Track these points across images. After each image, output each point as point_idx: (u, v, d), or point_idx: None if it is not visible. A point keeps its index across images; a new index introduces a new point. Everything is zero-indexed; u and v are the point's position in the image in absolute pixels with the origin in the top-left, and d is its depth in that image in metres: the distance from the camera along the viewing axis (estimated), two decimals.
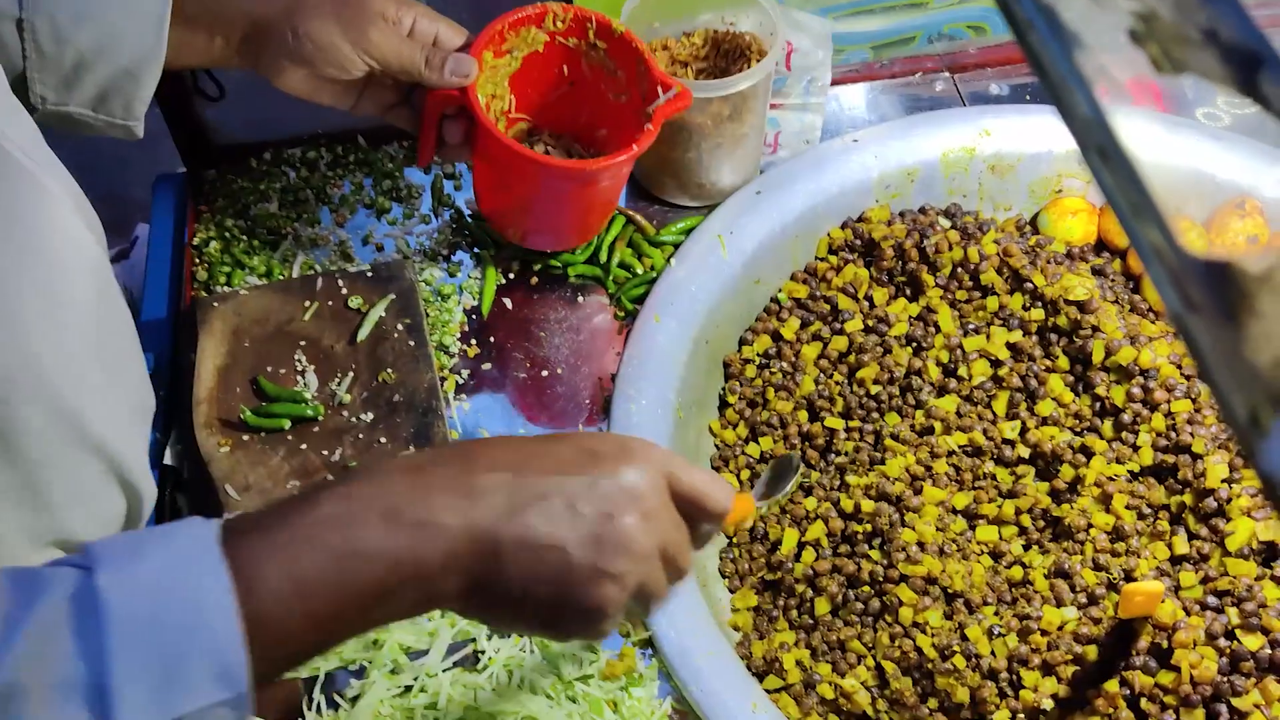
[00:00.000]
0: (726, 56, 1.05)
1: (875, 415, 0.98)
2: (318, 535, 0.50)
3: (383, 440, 0.87)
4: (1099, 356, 0.94)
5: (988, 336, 0.98)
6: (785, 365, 1.02)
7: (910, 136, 1.10)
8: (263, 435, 0.88)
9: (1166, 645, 0.82)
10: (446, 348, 0.98)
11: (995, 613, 0.87)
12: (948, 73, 1.19)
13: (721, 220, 1.05)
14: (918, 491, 0.92)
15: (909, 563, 0.88)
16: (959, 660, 0.84)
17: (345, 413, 0.89)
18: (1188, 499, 0.89)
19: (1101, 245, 1.08)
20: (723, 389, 1.03)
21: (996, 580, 0.88)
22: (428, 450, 0.84)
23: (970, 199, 1.10)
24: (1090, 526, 0.89)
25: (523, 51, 0.96)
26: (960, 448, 0.95)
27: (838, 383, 1.00)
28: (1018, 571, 0.89)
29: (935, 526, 0.90)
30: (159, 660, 0.46)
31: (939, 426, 0.96)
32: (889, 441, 0.95)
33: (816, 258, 1.07)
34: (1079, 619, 0.85)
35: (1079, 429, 0.94)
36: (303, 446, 0.87)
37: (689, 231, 1.06)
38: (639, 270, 1.04)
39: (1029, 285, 0.99)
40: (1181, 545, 0.87)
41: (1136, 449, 0.92)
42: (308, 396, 0.89)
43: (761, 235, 1.05)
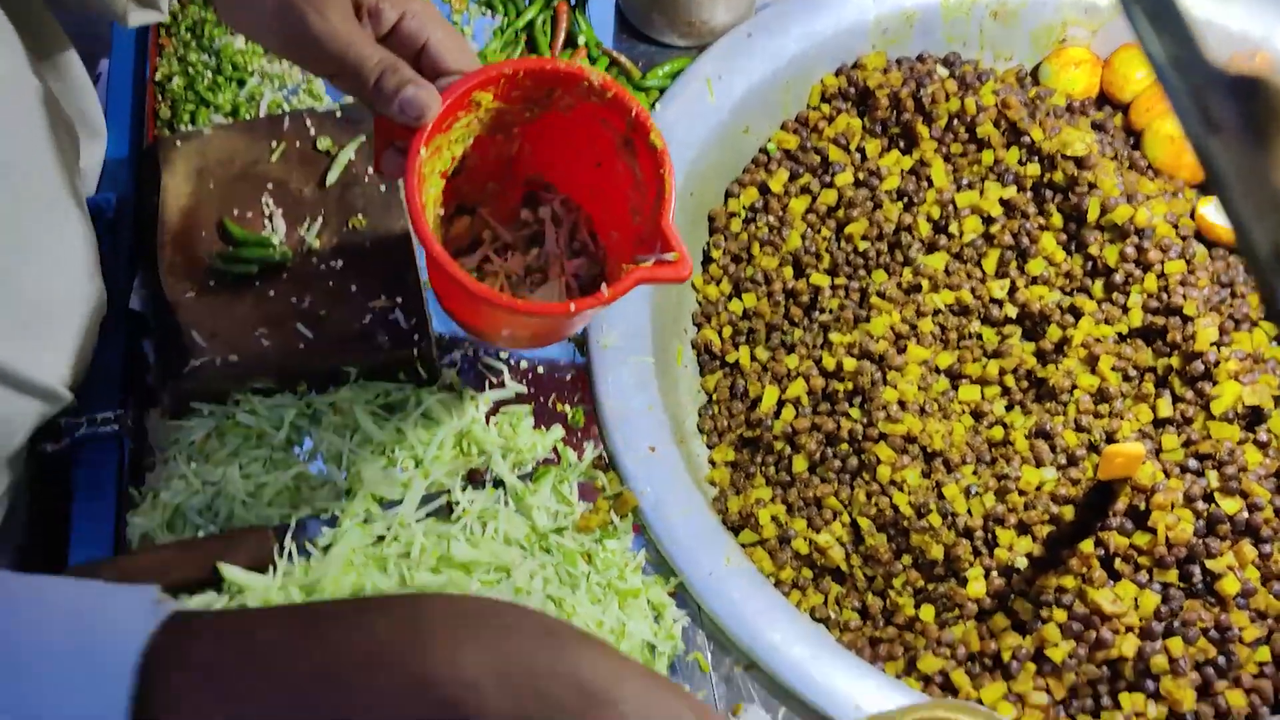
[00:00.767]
0: None
1: (862, 272, 0.95)
2: None
3: (354, 289, 0.85)
4: (1094, 214, 0.91)
5: (981, 192, 0.95)
6: (772, 219, 0.99)
7: None
8: (230, 281, 0.85)
9: (1144, 507, 0.81)
10: None
11: (974, 472, 0.86)
12: None
13: (710, 63, 1.01)
14: (901, 350, 0.91)
15: (889, 421, 0.86)
16: (935, 518, 0.84)
17: (315, 259, 0.86)
18: (1175, 362, 0.87)
19: (1104, 99, 1.04)
20: (707, 243, 1.00)
21: (976, 440, 0.87)
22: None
23: (970, 47, 1.05)
24: (1074, 388, 0.88)
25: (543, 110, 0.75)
26: (947, 306, 0.93)
27: (825, 238, 0.97)
28: (998, 432, 0.88)
29: (917, 386, 0.88)
30: None
31: (926, 284, 0.93)
32: (875, 299, 0.93)
33: (809, 106, 1.03)
34: (1058, 480, 0.84)
35: (1069, 289, 0.92)
36: (271, 294, 0.84)
37: (676, 76, 1.01)
38: None
39: (1026, 139, 0.95)
40: (1165, 408, 0.86)
41: (1126, 310, 0.90)
42: (275, 241, 0.86)
43: (752, 80, 1.00)
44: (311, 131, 0.91)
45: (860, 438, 0.87)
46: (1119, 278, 0.90)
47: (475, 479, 0.81)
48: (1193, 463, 0.83)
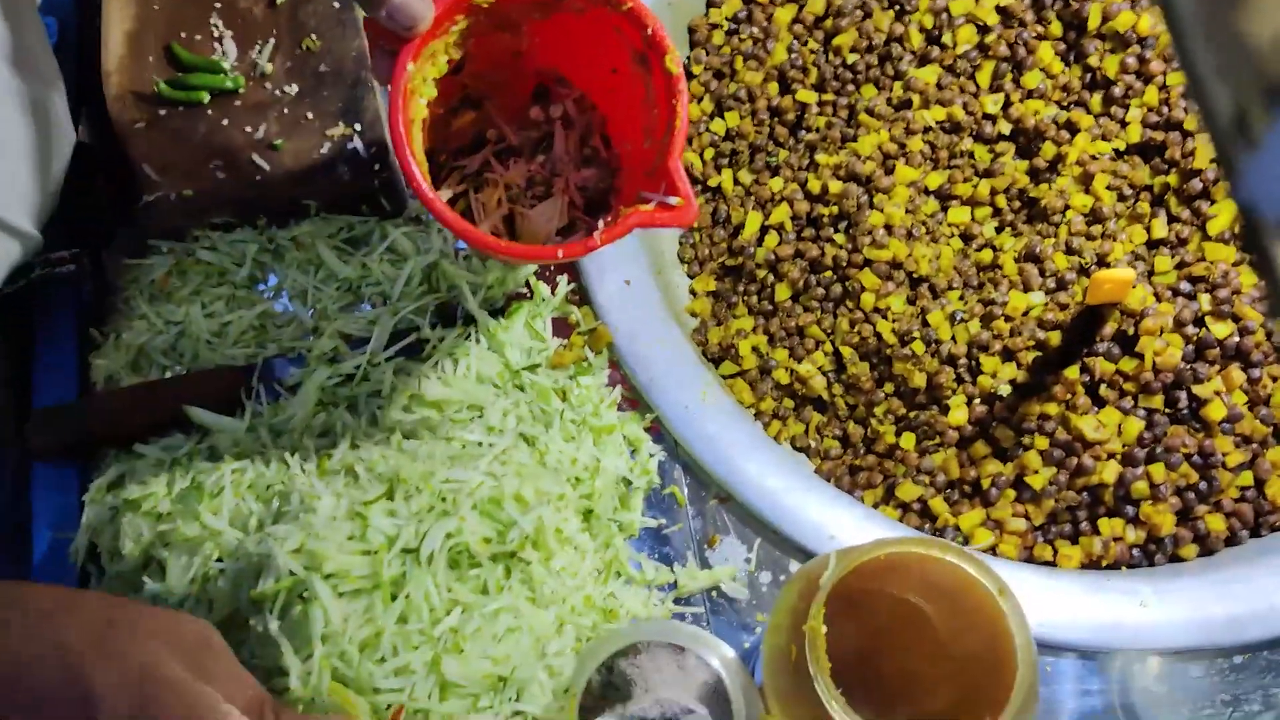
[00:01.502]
0: None
1: (850, 88, 0.90)
2: None
3: (309, 116, 0.80)
4: (1095, 22, 0.86)
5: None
6: (756, 31, 0.93)
7: None
8: (181, 110, 0.80)
9: (1132, 332, 0.79)
10: None
11: (960, 298, 0.84)
12: None
13: None
14: (889, 171, 0.87)
15: (875, 247, 0.83)
16: (918, 345, 0.82)
17: (268, 85, 0.81)
18: (1172, 180, 0.83)
19: None
20: (687, 58, 0.95)
21: (964, 264, 0.85)
22: None
23: None
24: (1067, 208, 0.84)
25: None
26: (938, 123, 0.88)
27: (812, 51, 0.92)
28: (987, 255, 0.85)
29: (905, 209, 0.85)
30: None
31: (917, 100, 0.88)
32: (863, 116, 0.88)
33: None
34: (1045, 304, 0.82)
35: (1065, 103, 0.87)
36: (224, 123, 0.80)
37: None
38: None
39: None
40: (1160, 229, 0.83)
41: (1124, 125, 0.85)
42: (226, 66, 0.81)
43: None
44: None
45: (845, 264, 0.84)
46: (1118, 90, 0.85)
47: (445, 315, 0.79)
48: (1185, 285, 0.81)
